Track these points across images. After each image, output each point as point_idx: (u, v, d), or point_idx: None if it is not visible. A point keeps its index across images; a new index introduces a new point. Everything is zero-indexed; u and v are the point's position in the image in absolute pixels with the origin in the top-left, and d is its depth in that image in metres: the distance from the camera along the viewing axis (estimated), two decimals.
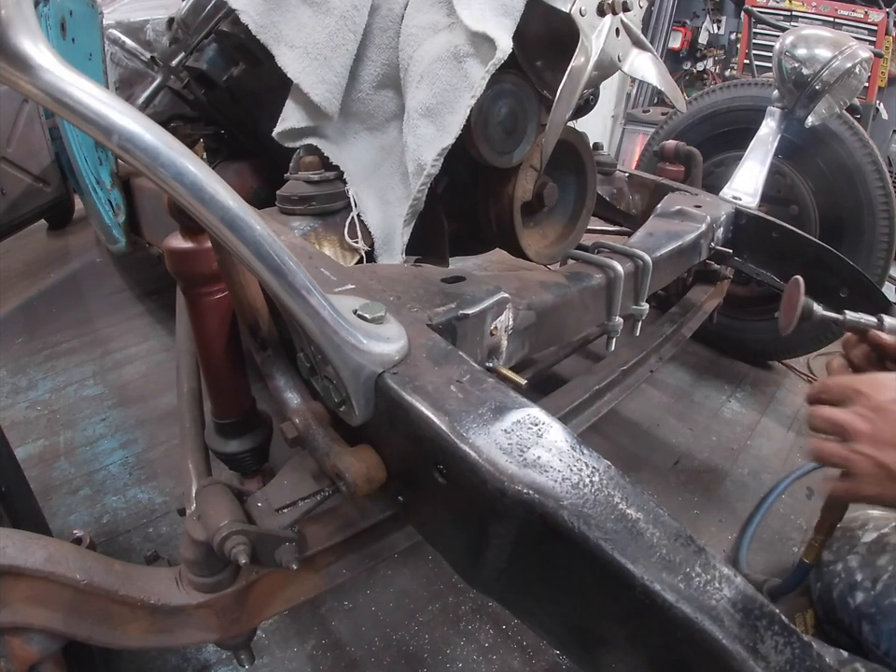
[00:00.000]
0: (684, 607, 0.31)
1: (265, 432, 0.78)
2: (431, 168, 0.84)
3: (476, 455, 0.39)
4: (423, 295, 0.61)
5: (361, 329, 0.47)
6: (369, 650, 0.93)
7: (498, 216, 1.04)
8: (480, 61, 0.80)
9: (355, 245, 0.90)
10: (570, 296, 0.85)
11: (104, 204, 1.38)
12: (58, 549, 0.49)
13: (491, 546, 0.40)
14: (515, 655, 0.92)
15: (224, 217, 0.37)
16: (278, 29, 0.89)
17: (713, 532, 1.16)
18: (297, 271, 0.41)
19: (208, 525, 0.49)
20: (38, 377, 1.72)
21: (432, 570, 1.06)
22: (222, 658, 0.92)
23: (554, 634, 0.42)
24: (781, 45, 1.32)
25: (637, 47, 0.89)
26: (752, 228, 1.24)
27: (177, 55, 1.24)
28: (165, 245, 0.66)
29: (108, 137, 0.33)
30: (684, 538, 0.35)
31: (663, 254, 1.01)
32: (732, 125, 1.60)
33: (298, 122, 0.91)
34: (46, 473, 1.32)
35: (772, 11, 3.41)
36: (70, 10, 1.18)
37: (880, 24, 3.27)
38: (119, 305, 2.14)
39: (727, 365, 1.75)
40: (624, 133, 3.70)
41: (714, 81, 4.16)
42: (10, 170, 1.54)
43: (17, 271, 2.42)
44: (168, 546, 1.11)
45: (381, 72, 0.94)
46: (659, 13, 3.93)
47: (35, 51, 0.31)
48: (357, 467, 0.48)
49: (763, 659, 0.29)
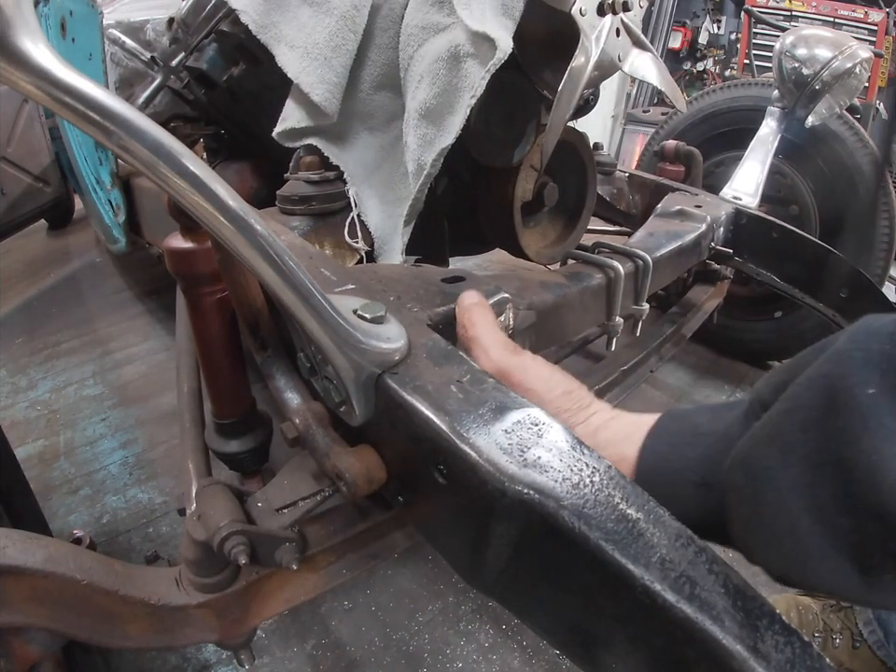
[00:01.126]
0: (684, 607, 0.31)
1: (265, 432, 0.78)
2: (431, 168, 0.84)
3: (476, 454, 0.39)
4: (423, 295, 0.61)
5: (361, 328, 0.47)
6: (369, 650, 0.93)
7: (498, 216, 1.04)
8: (480, 61, 0.80)
9: (355, 245, 0.90)
10: (570, 296, 0.85)
11: (104, 204, 1.38)
12: (58, 549, 0.49)
13: (491, 546, 0.40)
14: (515, 655, 0.92)
15: (224, 217, 0.37)
16: (278, 29, 0.89)
17: None
18: (297, 271, 0.41)
19: (208, 525, 0.49)
20: (38, 377, 1.72)
21: (432, 570, 1.06)
22: (222, 658, 0.92)
23: (554, 634, 0.42)
24: (781, 45, 1.32)
25: (638, 47, 0.89)
26: (752, 228, 1.24)
27: (177, 55, 1.24)
28: (165, 245, 0.66)
29: (108, 137, 0.33)
30: (685, 538, 0.35)
31: (663, 254, 1.01)
32: (732, 125, 1.60)
33: (298, 122, 0.91)
34: (46, 473, 1.32)
35: (772, 11, 3.41)
36: (70, 10, 1.18)
37: (880, 24, 3.28)
38: (119, 305, 2.14)
39: (727, 365, 1.75)
40: (624, 132, 3.70)
41: (714, 81, 4.16)
42: (10, 170, 1.54)
43: (17, 271, 2.42)
44: (168, 546, 1.11)
45: (381, 72, 0.94)
46: (659, 13, 3.93)
47: (35, 51, 0.30)
48: (357, 467, 0.48)
49: (763, 658, 0.29)
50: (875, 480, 0.28)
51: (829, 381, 0.31)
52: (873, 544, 0.29)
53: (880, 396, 0.28)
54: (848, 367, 0.30)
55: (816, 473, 0.31)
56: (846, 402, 0.29)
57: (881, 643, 0.85)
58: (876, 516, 0.28)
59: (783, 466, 0.33)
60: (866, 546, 0.30)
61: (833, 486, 0.30)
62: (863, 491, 0.29)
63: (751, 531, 0.36)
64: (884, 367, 0.29)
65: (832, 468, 0.30)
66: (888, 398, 0.28)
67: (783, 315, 1.59)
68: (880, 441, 0.28)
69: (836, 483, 0.30)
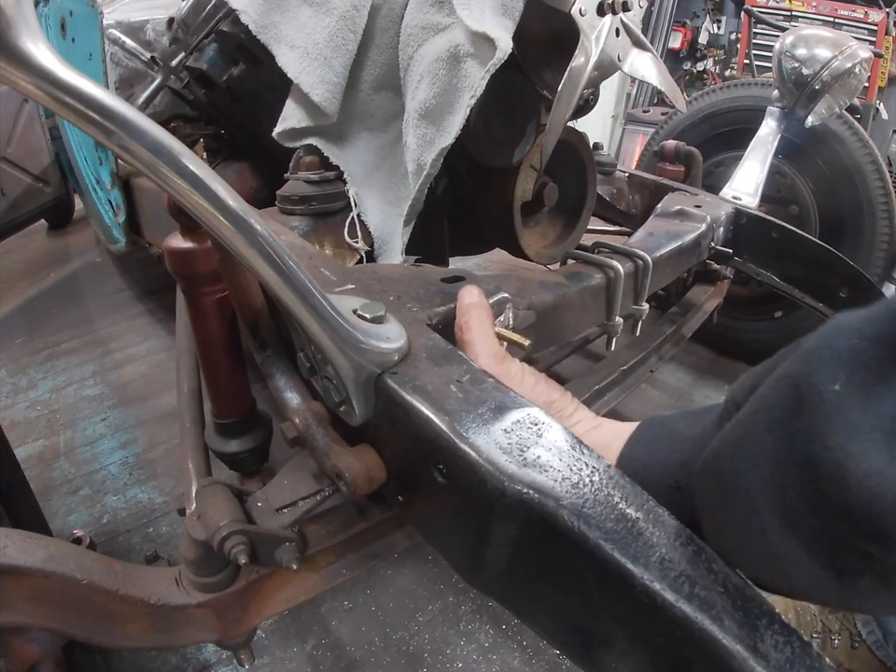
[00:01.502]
0: (684, 606, 0.31)
1: (265, 432, 0.78)
2: (431, 168, 0.84)
3: (476, 454, 0.39)
4: (423, 295, 0.61)
5: (361, 328, 0.47)
6: (369, 650, 0.93)
7: (498, 216, 1.04)
8: (480, 61, 0.80)
9: (355, 244, 0.90)
10: (570, 296, 0.85)
11: (104, 204, 1.38)
12: (58, 549, 0.49)
13: (491, 546, 0.40)
14: (515, 655, 0.92)
15: (224, 217, 0.37)
16: (278, 29, 0.89)
17: None
18: (297, 271, 0.41)
19: (208, 525, 0.49)
20: (38, 377, 1.72)
21: (432, 570, 1.06)
22: (222, 658, 0.92)
23: (554, 634, 0.42)
24: (781, 45, 1.32)
25: (638, 47, 0.89)
26: (752, 228, 1.24)
27: (177, 55, 1.24)
28: (165, 245, 0.66)
29: (108, 137, 0.33)
30: (684, 537, 0.35)
31: (663, 254, 1.01)
32: (732, 125, 1.60)
33: (298, 122, 0.91)
34: (46, 473, 1.32)
35: (772, 11, 3.41)
36: (70, 10, 1.19)
37: (880, 24, 3.27)
38: (119, 305, 2.14)
39: (727, 365, 1.75)
40: (624, 132, 3.70)
41: (714, 81, 4.16)
42: (10, 170, 1.55)
43: (17, 271, 2.42)
44: (168, 546, 1.11)
45: (381, 72, 0.94)
46: (659, 13, 3.93)
47: (35, 51, 0.31)
48: (357, 467, 0.48)
49: (763, 658, 0.29)
50: (841, 477, 0.27)
51: (794, 380, 0.30)
52: (845, 546, 0.28)
53: (845, 392, 0.27)
54: (814, 365, 0.29)
55: (784, 474, 0.30)
56: (811, 400, 0.28)
57: (880, 643, 0.85)
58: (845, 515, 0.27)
59: (751, 467, 0.32)
60: (839, 548, 0.29)
61: (802, 486, 0.29)
62: (831, 490, 0.27)
63: (723, 534, 0.35)
64: (851, 363, 0.28)
65: (798, 468, 0.29)
66: (853, 394, 0.27)
67: (783, 315, 1.59)
68: (845, 438, 0.27)
69: (804, 483, 0.29)
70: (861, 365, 0.28)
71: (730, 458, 0.34)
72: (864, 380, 0.27)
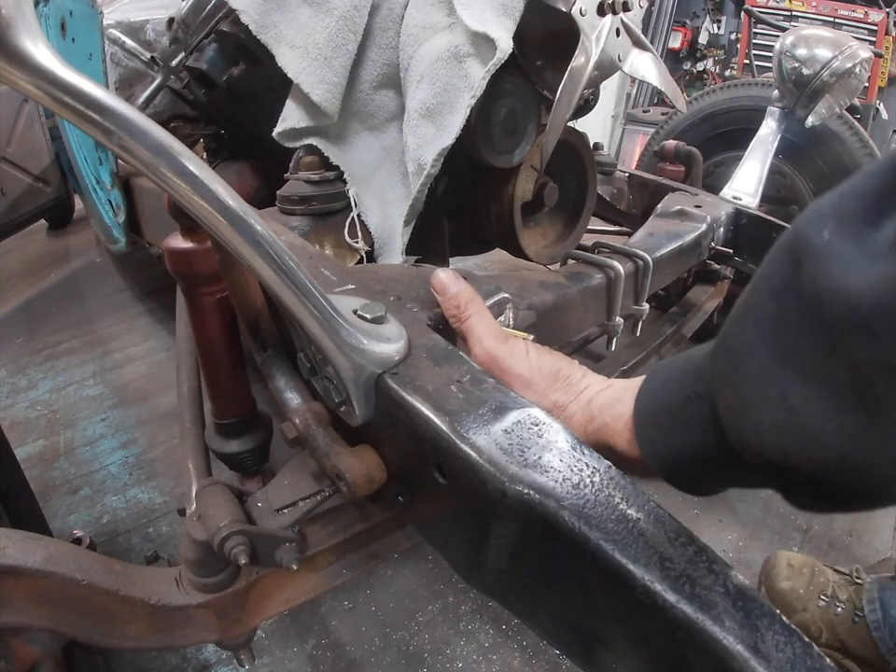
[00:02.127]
0: (685, 607, 0.31)
1: (265, 432, 0.78)
2: (431, 168, 0.84)
3: (476, 454, 0.39)
4: (423, 295, 0.61)
5: (361, 329, 0.47)
6: (369, 650, 0.93)
7: (498, 216, 1.04)
8: (480, 61, 0.80)
9: (355, 244, 0.90)
10: (570, 296, 0.85)
11: (104, 204, 1.38)
12: (58, 549, 0.49)
13: (491, 546, 0.40)
14: (515, 655, 0.92)
15: (224, 218, 0.37)
16: (278, 29, 0.89)
17: (713, 532, 1.16)
18: (297, 271, 0.41)
19: (208, 525, 0.49)
20: (38, 377, 1.72)
21: (432, 570, 1.06)
22: (222, 658, 0.92)
23: (554, 634, 0.42)
24: (781, 45, 1.32)
25: (638, 47, 0.89)
26: (753, 228, 1.24)
27: (177, 55, 1.24)
28: (165, 245, 0.66)
29: (108, 137, 0.33)
30: (685, 537, 0.35)
31: (663, 254, 1.01)
32: (732, 125, 1.60)
33: (298, 122, 0.91)
34: (46, 473, 1.32)
35: (772, 11, 3.41)
36: (70, 10, 1.18)
37: (880, 24, 3.28)
38: (119, 305, 2.14)
39: None
40: (624, 132, 3.70)
41: (714, 81, 4.17)
42: (10, 170, 1.55)
43: (17, 271, 2.42)
44: (168, 546, 1.11)
45: (381, 72, 0.94)
46: (659, 13, 3.93)
47: (35, 51, 0.30)
48: (357, 467, 0.48)
49: (764, 658, 0.29)
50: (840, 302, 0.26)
51: (788, 245, 0.31)
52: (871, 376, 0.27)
53: (836, 236, 0.28)
54: (803, 225, 0.30)
55: (794, 332, 0.29)
56: (805, 252, 0.29)
57: (878, 624, 0.86)
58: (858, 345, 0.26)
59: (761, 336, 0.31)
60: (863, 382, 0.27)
61: (814, 336, 0.28)
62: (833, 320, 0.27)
63: (741, 414, 0.34)
64: (838, 215, 0.29)
65: (807, 320, 0.29)
66: (842, 234, 0.28)
67: None
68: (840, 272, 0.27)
69: (815, 332, 0.28)
70: (848, 215, 0.28)
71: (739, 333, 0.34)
72: (852, 226, 0.28)
